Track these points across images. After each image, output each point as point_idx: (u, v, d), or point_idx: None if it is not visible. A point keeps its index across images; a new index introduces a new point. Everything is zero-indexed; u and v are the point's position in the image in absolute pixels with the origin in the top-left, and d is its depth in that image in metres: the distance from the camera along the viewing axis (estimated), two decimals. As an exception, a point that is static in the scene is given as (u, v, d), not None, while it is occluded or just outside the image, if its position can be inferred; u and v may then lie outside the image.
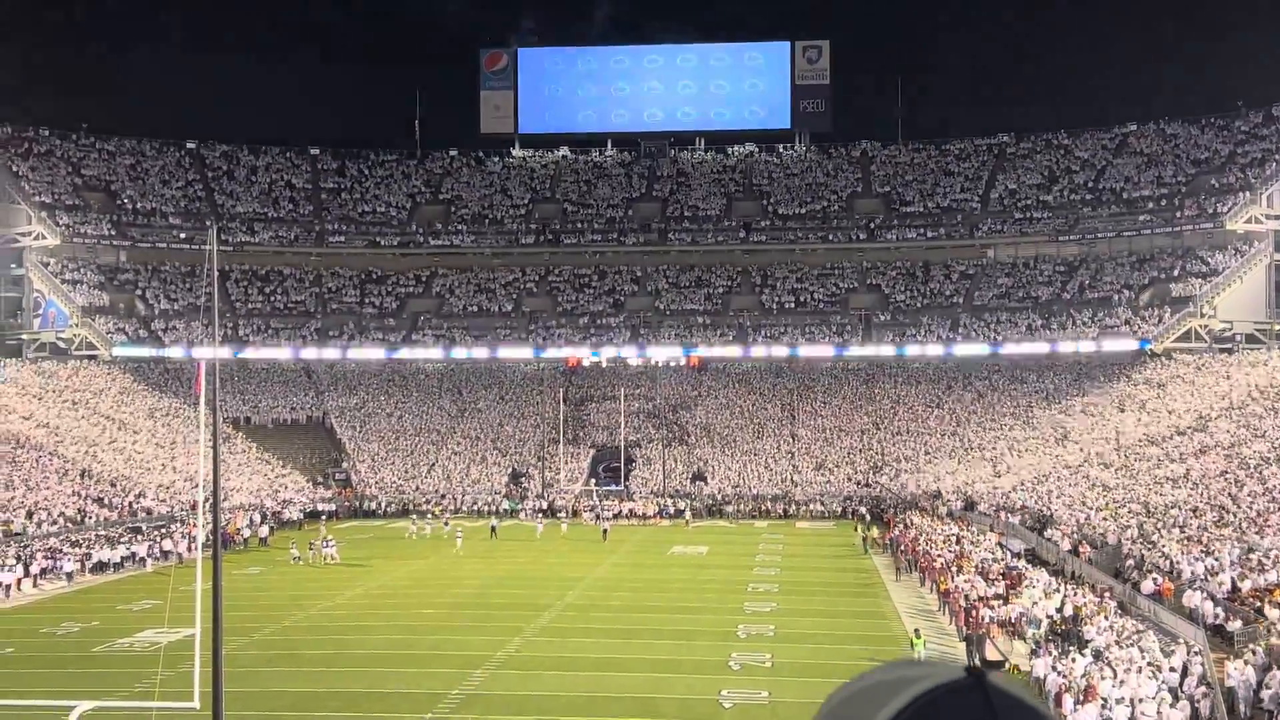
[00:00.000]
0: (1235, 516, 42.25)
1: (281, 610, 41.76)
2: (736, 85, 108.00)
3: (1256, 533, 39.09)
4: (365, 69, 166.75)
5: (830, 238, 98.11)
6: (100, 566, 52.21)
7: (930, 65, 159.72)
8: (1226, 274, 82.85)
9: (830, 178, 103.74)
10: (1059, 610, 35.00)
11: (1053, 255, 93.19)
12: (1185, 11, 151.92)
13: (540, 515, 74.40)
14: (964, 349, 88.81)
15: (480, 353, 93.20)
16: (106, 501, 62.92)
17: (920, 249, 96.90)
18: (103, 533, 56.99)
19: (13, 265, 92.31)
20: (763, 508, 76.11)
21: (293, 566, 54.46)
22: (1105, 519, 49.16)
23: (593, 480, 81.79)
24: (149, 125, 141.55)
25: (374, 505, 78.36)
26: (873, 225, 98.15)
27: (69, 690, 29.41)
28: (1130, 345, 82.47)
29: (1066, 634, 32.17)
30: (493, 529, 65.82)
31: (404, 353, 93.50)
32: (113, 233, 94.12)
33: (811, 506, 75.79)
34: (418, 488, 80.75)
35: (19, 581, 47.08)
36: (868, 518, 68.80)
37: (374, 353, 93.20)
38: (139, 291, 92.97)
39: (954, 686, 1.42)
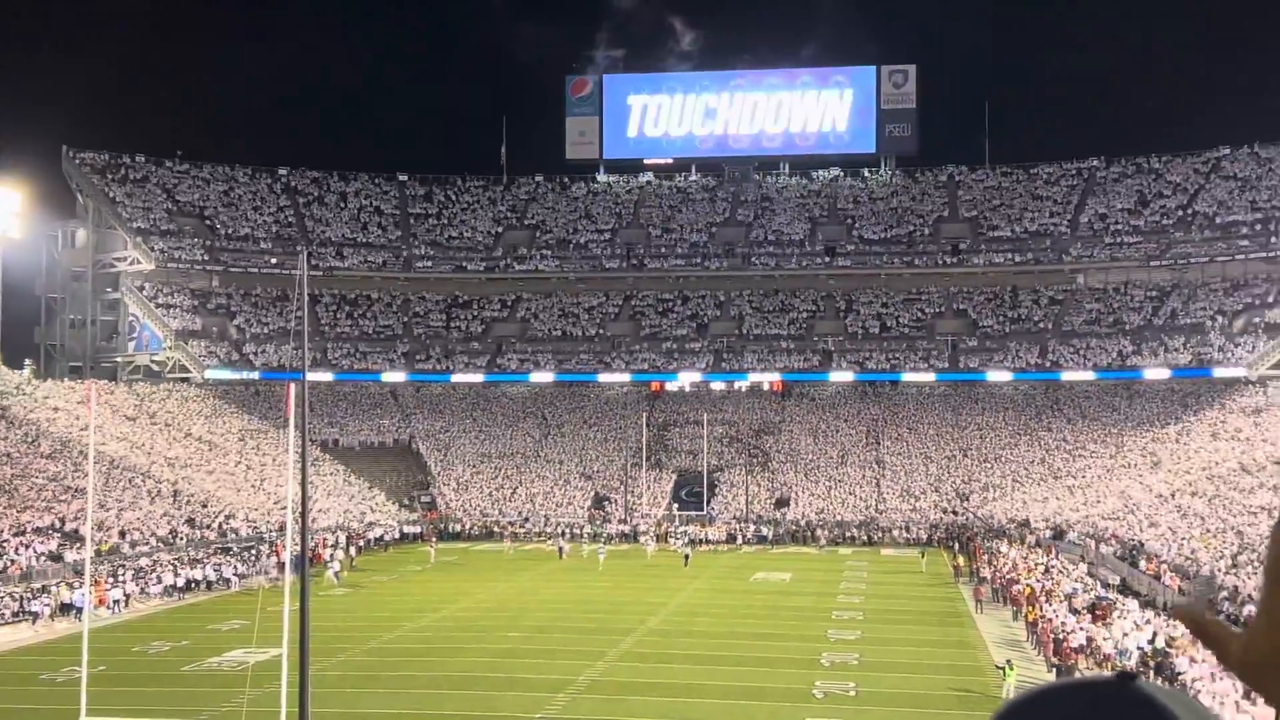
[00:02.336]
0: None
1: (368, 631, 42.13)
2: (821, 109, 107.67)
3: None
4: (453, 96, 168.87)
5: (916, 262, 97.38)
6: (190, 586, 53.01)
7: (1018, 89, 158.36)
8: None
9: (916, 202, 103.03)
10: (1150, 642, 34.34)
11: (1144, 280, 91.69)
12: (1277, 35, 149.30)
13: (625, 539, 73.96)
14: (1053, 375, 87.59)
15: (564, 377, 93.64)
16: (197, 522, 63.95)
17: (1008, 274, 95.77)
18: (193, 553, 57.91)
19: (109, 289, 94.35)
20: (847, 534, 75.49)
21: (382, 587, 54.97)
22: (1197, 549, 48.19)
23: (674, 505, 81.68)
24: (241, 152, 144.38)
25: (459, 528, 78.87)
26: (959, 249, 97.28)
27: (159, 709, 29.92)
28: (1224, 373, 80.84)
29: (1158, 667, 31.54)
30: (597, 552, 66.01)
31: (489, 376, 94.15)
32: (206, 258, 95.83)
33: (896, 534, 75.03)
34: (501, 510, 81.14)
35: (127, 598, 47.95)
36: (955, 546, 68.01)
37: (459, 376, 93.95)
38: (231, 315, 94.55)
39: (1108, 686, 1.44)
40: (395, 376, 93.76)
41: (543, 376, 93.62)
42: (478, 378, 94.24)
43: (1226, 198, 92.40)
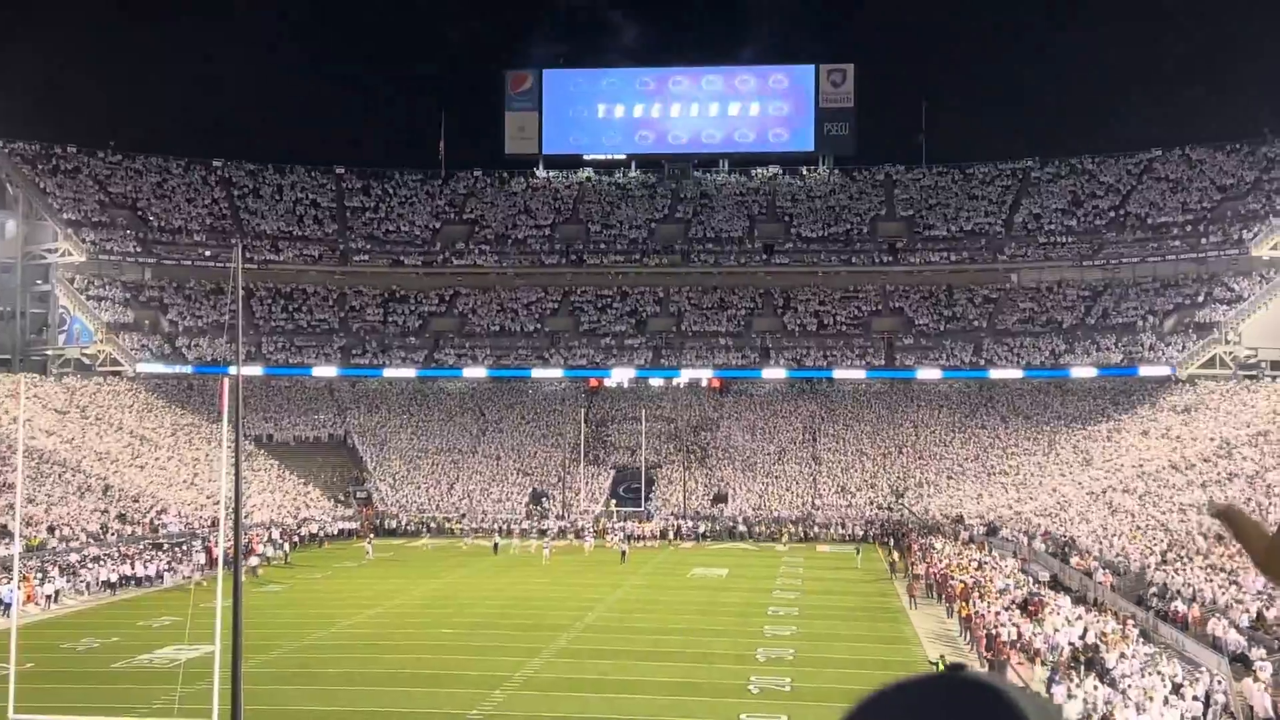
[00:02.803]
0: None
1: (301, 628, 41.78)
2: (760, 108, 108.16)
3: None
4: (391, 89, 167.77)
5: (853, 260, 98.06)
6: (121, 582, 52.32)
7: (955, 89, 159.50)
8: (1252, 301, 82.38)
9: (853, 201, 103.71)
10: (1081, 638, 34.77)
11: (1077, 280, 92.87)
12: (1211, 37, 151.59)
13: (551, 536, 73.35)
14: (986, 373, 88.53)
15: (502, 372, 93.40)
16: (128, 518, 63.14)
17: (943, 273, 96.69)
18: (124, 549, 57.14)
19: (39, 281, 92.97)
20: (783, 530, 75.83)
21: (315, 584, 54.58)
22: (1127, 545, 48.84)
23: (613, 501, 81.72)
24: (175, 143, 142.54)
25: (394, 524, 78.40)
26: (896, 248, 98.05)
27: (88, 706, 29.50)
28: (1154, 371, 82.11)
29: (1089, 662, 31.95)
30: (495, 546, 67.35)
31: (425, 371, 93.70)
32: (138, 250, 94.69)
33: (833, 530, 75.51)
34: (439, 506, 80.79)
35: (57, 594, 47.22)
36: (891, 542, 68.57)
37: (396, 371, 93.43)
38: (163, 308, 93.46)
39: (927, 677, 1.58)
40: (331, 371, 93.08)
41: (480, 372, 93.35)
42: (414, 373, 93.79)
43: (1158, 199, 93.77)
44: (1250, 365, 79.79)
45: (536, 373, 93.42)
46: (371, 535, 71.66)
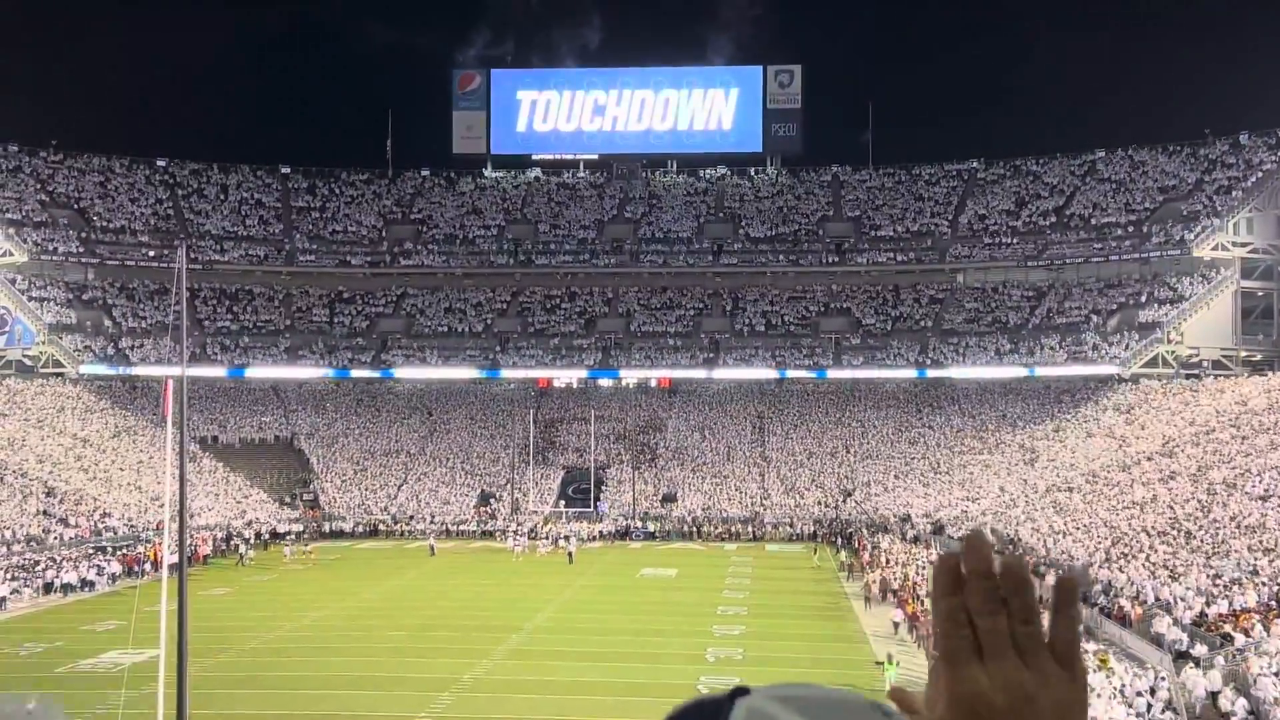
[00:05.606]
0: (1202, 542, 42.47)
1: (248, 631, 41.42)
2: (709, 108, 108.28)
3: (1222, 558, 39.29)
4: (338, 88, 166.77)
5: (801, 261, 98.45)
6: (63, 586, 51.67)
7: (901, 91, 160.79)
8: (1193, 300, 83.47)
9: (801, 201, 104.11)
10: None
11: (1021, 280, 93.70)
12: (1155, 41, 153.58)
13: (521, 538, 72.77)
14: (933, 373, 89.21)
15: (450, 373, 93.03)
16: (71, 521, 62.36)
17: (890, 273, 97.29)
18: (67, 552, 56.45)
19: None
20: (732, 530, 76.09)
21: (262, 585, 54.13)
22: (1071, 543, 49.32)
23: (562, 502, 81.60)
24: (119, 143, 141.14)
25: (341, 526, 77.92)
26: (843, 248, 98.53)
27: (30, 712, 29.01)
28: (1098, 371, 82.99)
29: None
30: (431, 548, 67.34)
31: (373, 372, 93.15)
32: (81, 250, 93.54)
33: (781, 529, 75.81)
34: (386, 508, 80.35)
35: (2, 600, 46.62)
36: (839, 541, 68.97)
37: (343, 373, 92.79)
38: (107, 309, 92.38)
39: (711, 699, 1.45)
40: (277, 372, 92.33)
41: (429, 372, 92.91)
42: (362, 373, 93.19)
43: (1101, 200, 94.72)
44: (1192, 364, 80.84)
45: (485, 373, 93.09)
46: (293, 538, 70.51)
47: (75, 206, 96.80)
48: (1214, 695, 27.18)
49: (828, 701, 1.42)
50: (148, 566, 54.88)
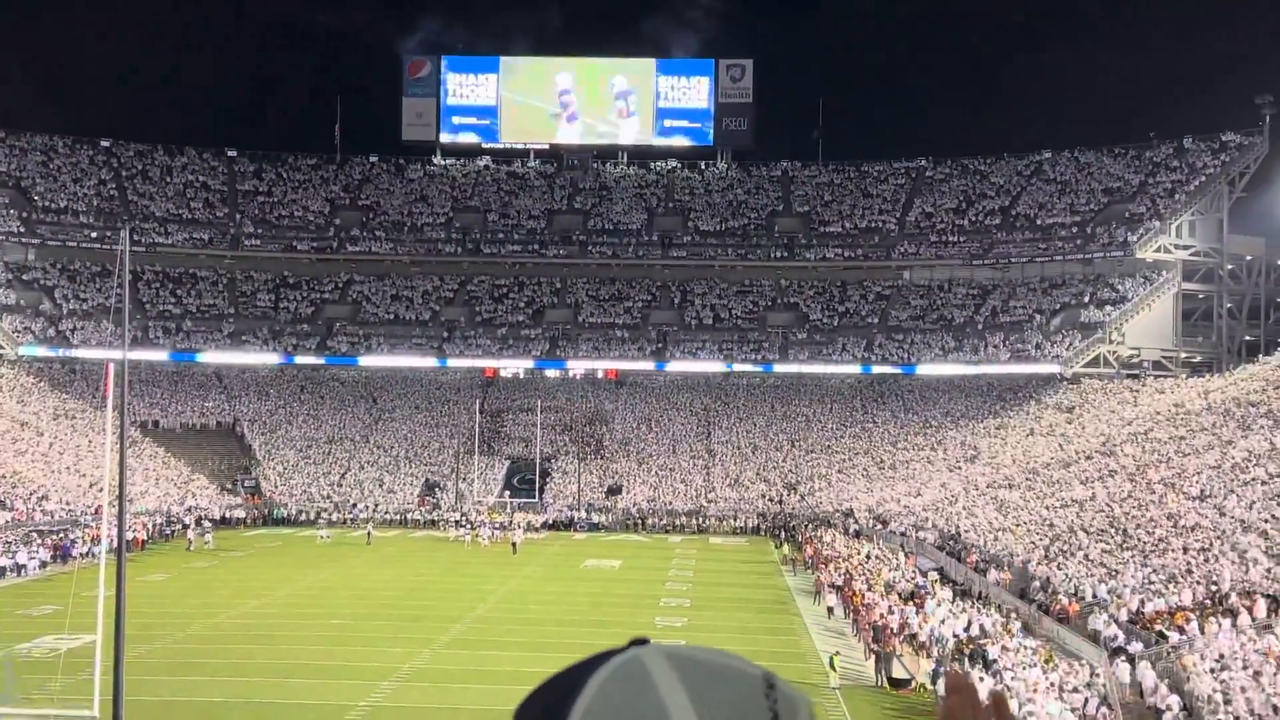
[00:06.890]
0: (1139, 540, 43.02)
1: (186, 618, 41.06)
2: (660, 100, 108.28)
3: (1158, 556, 39.83)
4: (286, 72, 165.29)
5: (749, 255, 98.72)
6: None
7: (851, 88, 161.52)
8: (1135, 302, 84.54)
9: (751, 196, 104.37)
10: (965, 630, 35.41)
11: (967, 278, 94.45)
12: (1101, 44, 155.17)
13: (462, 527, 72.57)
14: (878, 369, 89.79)
15: (396, 361, 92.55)
16: (8, 504, 61.53)
17: (838, 269, 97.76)
18: (2, 535, 55.70)
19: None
20: (677, 522, 76.28)
21: (200, 573, 53.69)
22: (1012, 540, 49.83)
23: (507, 492, 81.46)
24: (62, 122, 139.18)
25: (284, 513, 77.40)
26: (792, 244, 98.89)
27: (-37, 697, 28.66)
28: (1040, 369, 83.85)
29: (973, 654, 32.54)
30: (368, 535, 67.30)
31: (318, 359, 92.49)
32: (22, 230, 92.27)
33: (725, 522, 76.09)
34: (329, 495, 79.87)
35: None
36: (782, 535, 69.32)
37: (287, 358, 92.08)
38: (48, 290, 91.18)
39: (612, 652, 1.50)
40: (220, 357, 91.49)
41: (374, 360, 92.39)
42: (306, 360, 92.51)
43: (1046, 200, 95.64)
44: (1133, 364, 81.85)
45: (431, 362, 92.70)
46: (194, 526, 66.16)
47: (17, 185, 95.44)
48: (1143, 690, 27.62)
49: (714, 665, 1.46)
50: (83, 549, 54.25)
